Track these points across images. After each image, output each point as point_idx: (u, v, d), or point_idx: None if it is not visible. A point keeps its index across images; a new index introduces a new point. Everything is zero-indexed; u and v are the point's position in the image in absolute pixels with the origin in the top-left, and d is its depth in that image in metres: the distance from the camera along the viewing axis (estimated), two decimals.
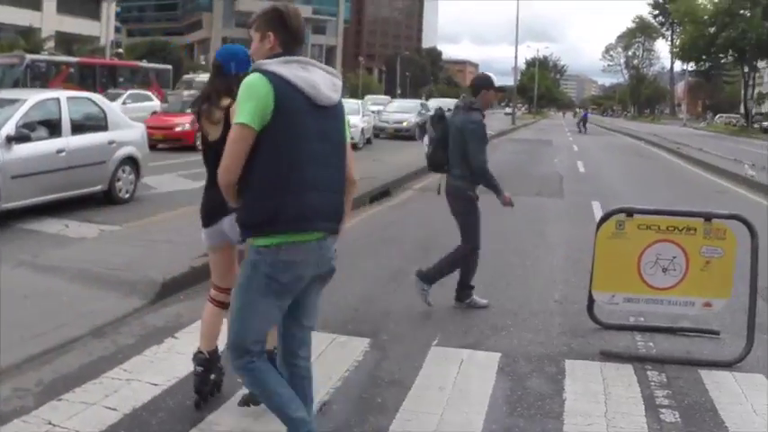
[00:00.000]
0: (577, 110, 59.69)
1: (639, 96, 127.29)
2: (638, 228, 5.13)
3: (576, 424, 3.97)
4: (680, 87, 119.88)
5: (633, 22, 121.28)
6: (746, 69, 67.10)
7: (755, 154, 29.37)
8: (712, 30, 62.18)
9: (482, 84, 5.91)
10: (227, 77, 3.80)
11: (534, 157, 25.78)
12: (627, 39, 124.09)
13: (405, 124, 29.76)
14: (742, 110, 78.93)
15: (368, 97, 37.09)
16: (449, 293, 6.26)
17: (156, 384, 4.24)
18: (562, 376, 4.68)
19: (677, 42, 75.85)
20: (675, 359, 5.02)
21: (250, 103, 2.92)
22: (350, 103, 25.72)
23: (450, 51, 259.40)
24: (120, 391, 4.14)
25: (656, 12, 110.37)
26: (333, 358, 4.84)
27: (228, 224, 3.70)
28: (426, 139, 6.04)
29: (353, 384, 4.44)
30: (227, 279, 3.99)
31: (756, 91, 70.04)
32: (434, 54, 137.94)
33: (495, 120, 60.29)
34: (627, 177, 19.20)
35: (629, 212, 5.14)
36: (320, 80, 3.03)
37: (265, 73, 2.94)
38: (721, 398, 4.40)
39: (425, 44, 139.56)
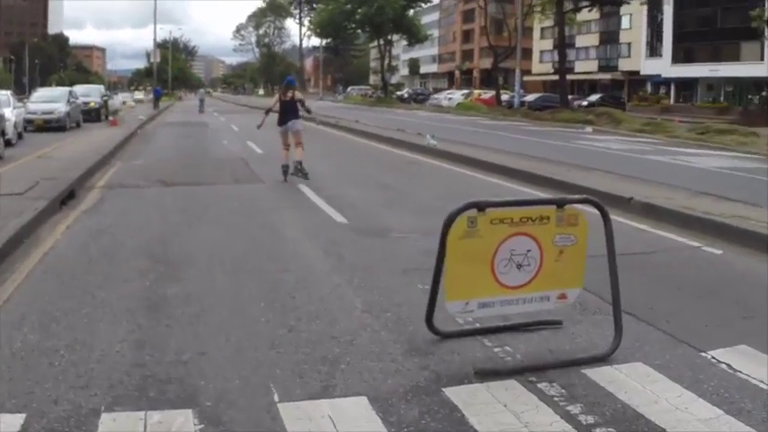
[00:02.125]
0: (201, 90, 61.41)
1: (272, 73, 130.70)
2: (491, 223, 4.54)
3: None
4: (308, 63, 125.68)
5: (263, 2, 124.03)
6: (382, 43, 72.02)
7: (406, 122, 31.52)
8: (349, 7, 65.59)
9: None
10: (292, 86, 14.60)
11: (201, 141, 24.86)
12: (258, 18, 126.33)
13: (55, 114, 27.38)
14: (371, 81, 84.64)
15: None
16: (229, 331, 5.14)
17: None
18: (459, 412, 3.93)
19: (313, 20, 78.77)
20: (552, 364, 4.57)
21: None
22: None
23: (75, 37, 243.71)
24: None
25: None
26: None
27: (291, 125, 13.99)
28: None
29: None
30: (287, 141, 14.09)
31: (387, 63, 75.77)
32: (61, 40, 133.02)
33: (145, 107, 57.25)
34: (312, 156, 18.94)
35: (481, 207, 4.52)
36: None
37: None
38: (634, 399, 4.03)
39: (51, 30, 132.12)
